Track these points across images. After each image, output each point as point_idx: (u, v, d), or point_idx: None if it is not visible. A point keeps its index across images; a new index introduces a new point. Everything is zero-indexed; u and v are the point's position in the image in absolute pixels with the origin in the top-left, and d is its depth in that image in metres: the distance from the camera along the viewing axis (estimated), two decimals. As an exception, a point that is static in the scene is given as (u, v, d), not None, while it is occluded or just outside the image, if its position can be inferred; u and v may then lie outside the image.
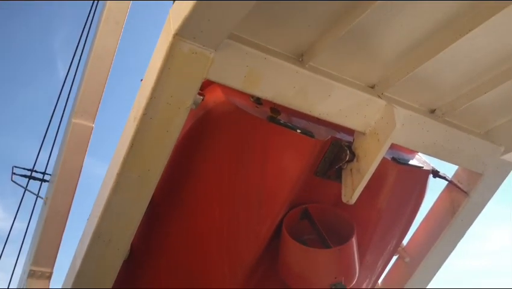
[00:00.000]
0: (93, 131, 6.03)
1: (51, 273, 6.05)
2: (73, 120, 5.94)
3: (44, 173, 7.16)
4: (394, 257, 5.16)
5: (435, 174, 4.67)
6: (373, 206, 4.29)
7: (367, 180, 3.69)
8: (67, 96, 6.86)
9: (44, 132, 7.14)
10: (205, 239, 4.14)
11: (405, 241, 5.12)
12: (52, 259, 5.99)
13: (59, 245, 5.95)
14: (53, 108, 7.04)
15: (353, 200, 3.76)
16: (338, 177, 3.94)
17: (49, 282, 6.05)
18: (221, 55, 3.10)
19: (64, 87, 6.97)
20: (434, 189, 4.91)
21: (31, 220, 7.03)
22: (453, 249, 5.07)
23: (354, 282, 4.03)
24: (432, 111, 4.12)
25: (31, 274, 5.91)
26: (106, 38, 5.95)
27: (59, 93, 7.05)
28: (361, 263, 4.16)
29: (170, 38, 2.91)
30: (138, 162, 3.34)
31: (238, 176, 3.86)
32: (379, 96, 3.77)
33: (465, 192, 4.67)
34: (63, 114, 6.87)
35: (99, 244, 3.63)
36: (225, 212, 4.02)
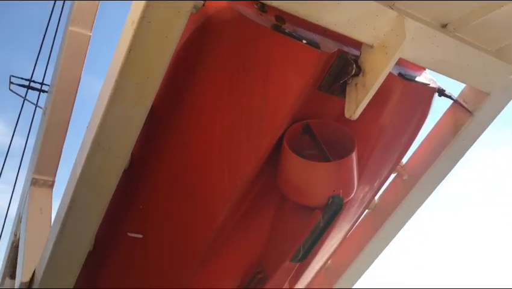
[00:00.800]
0: (90, 40, 5.86)
1: (53, 182, 6.16)
2: (70, 28, 5.75)
3: (42, 84, 7.08)
4: (393, 175, 5.22)
5: (441, 92, 4.57)
6: (375, 122, 4.23)
7: (372, 96, 3.61)
8: (61, 8, 6.62)
9: (40, 45, 6.98)
10: (205, 150, 4.13)
11: (404, 160, 5.14)
12: (53, 168, 6.08)
13: (61, 154, 6.01)
14: (48, 20, 6.82)
15: (356, 115, 3.70)
16: (342, 92, 3.85)
17: (52, 190, 6.18)
18: (223, -46, 2.90)
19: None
20: (437, 110, 4.85)
21: (30, 132, 7.06)
22: (451, 169, 5.09)
23: (352, 195, 4.09)
24: (444, 26, 3.93)
25: (34, 182, 6.02)
26: None
27: (53, 4, 6.80)
28: (359, 178, 4.19)
29: None
30: (136, 69, 3.24)
31: (240, 86, 3.76)
32: (390, 7, 3.57)
33: (470, 112, 4.61)
34: (57, 26, 6.67)
35: (99, 152, 3.61)
36: (226, 124, 3.96)
